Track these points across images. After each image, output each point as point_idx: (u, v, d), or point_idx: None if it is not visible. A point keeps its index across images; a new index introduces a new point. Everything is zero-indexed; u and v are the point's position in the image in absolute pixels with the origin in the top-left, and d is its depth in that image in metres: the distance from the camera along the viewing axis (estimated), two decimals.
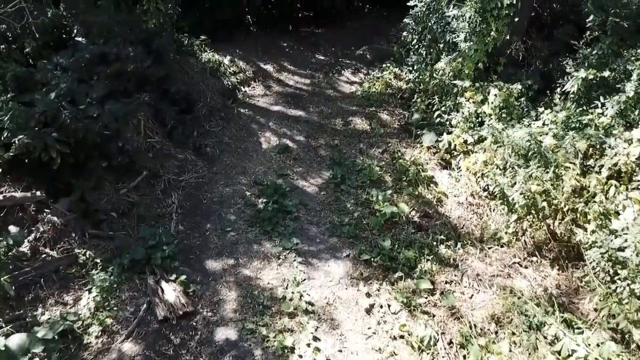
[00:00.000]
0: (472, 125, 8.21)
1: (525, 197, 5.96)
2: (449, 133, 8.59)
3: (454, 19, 9.46)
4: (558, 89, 8.57)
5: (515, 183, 6.65)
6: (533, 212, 6.04)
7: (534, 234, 6.40)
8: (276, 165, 8.25)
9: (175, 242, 6.41)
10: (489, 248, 6.73)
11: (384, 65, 11.81)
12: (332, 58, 12.69)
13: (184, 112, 8.81)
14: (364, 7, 16.55)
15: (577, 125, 6.32)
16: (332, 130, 9.32)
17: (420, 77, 9.75)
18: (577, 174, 5.64)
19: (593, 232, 5.11)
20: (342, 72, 11.88)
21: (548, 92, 8.32)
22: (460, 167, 8.16)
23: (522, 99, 8.39)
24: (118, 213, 6.69)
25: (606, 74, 6.18)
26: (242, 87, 10.35)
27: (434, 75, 9.00)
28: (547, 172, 5.89)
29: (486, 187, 7.49)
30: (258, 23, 13.64)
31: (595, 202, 5.27)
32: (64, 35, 7.80)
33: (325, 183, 7.92)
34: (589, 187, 5.45)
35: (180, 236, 6.64)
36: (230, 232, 6.73)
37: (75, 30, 7.65)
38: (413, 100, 9.81)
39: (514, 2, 7.93)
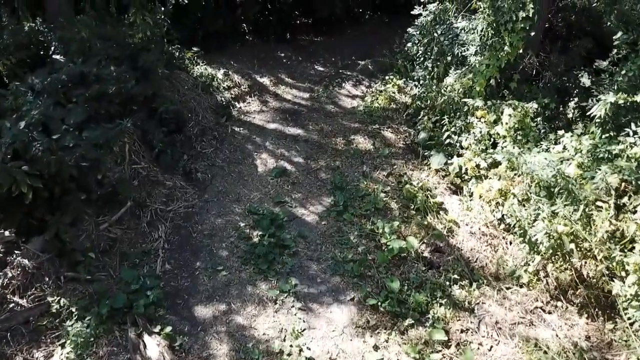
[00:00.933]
0: (484, 148, 7.59)
1: (551, 238, 5.34)
2: (459, 155, 7.98)
3: (463, 31, 8.85)
4: (572, 103, 8.00)
5: (536, 217, 6.06)
6: (559, 254, 5.42)
7: (558, 275, 5.78)
8: (273, 190, 7.63)
9: (160, 285, 5.78)
10: (508, 289, 6.12)
11: (386, 78, 11.20)
12: (332, 69, 12.06)
13: (173, 132, 8.18)
14: (364, 13, 15.94)
15: (606, 155, 5.71)
16: (333, 150, 8.70)
17: (427, 93, 9.13)
18: (611, 215, 5.03)
19: (632, 284, 4.50)
20: (343, 84, 11.26)
21: (568, 113, 7.71)
22: (472, 194, 7.55)
23: (539, 118, 7.79)
24: (98, 251, 6.07)
25: (638, 98, 5.58)
26: (236, 103, 9.72)
27: (443, 92, 8.38)
28: (576, 211, 5.27)
29: (502, 218, 6.88)
30: (254, 31, 13.01)
31: (634, 252, 4.66)
32: (42, 52, 7.17)
33: (326, 211, 7.30)
34: (627, 232, 4.84)
35: (166, 277, 6.01)
36: (222, 272, 6.10)
37: (52, 47, 7.01)
38: (419, 117, 9.19)
39: (531, 15, 7.31)
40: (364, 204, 7.39)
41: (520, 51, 8.08)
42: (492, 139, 7.73)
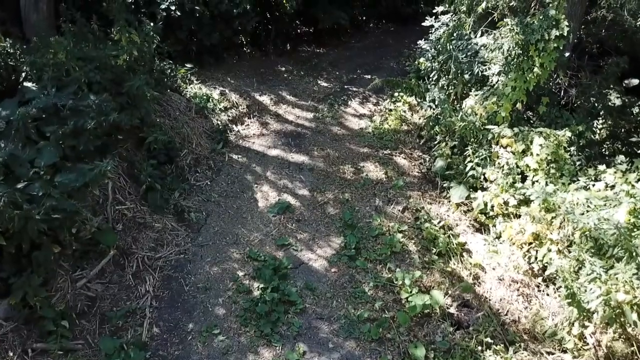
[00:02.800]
0: (513, 182, 6.77)
1: (607, 305, 4.52)
2: (483, 189, 7.17)
3: (483, 48, 8.04)
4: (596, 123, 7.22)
5: (580, 267, 5.25)
6: (617, 323, 4.60)
7: (611, 345, 4.96)
8: (275, 230, 6.78)
9: (146, 357, 4.93)
10: (549, 354, 5.29)
11: (396, 94, 10.37)
12: (336, 84, 11.23)
13: (164, 163, 7.33)
14: (368, 22, 15.11)
15: None
16: (341, 180, 7.86)
17: (444, 116, 8.30)
18: None
19: None
20: (349, 102, 10.43)
21: (606, 143, 6.90)
22: (499, 235, 6.73)
23: (572, 148, 6.98)
24: (74, 314, 5.21)
25: None
26: (234, 126, 8.87)
27: (464, 117, 7.55)
28: (638, 273, 4.45)
29: (539, 267, 6.07)
30: (252, 43, 12.16)
31: None
32: (12, 77, 6.31)
33: (336, 255, 6.46)
34: None
35: (154, 344, 5.16)
36: (218, 336, 5.26)
37: (24, 74, 6.15)
38: (435, 142, 8.37)
39: (565, 33, 6.49)
40: (379, 247, 6.56)
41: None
42: (520, 172, 6.92)
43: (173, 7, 9.51)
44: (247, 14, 10.54)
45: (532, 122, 7.63)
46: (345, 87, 11.09)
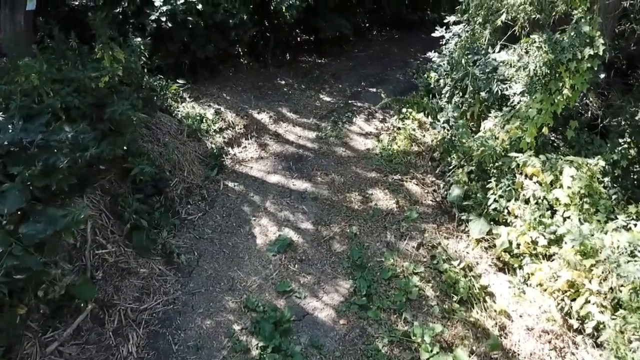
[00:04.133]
0: (541, 218, 6.05)
1: None
2: (507, 223, 6.46)
3: (503, 64, 7.33)
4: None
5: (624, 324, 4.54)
6: None
7: None
8: (276, 273, 6.06)
9: None
10: None
11: (404, 110, 9.63)
12: (339, 99, 10.49)
13: (152, 195, 6.60)
14: (372, 29, 14.38)
15: None
16: (348, 210, 7.14)
17: (459, 139, 7.58)
18: None
19: None
20: (354, 119, 9.70)
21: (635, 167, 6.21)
22: (527, 277, 6.02)
23: (606, 179, 6.26)
24: None
25: None
26: (230, 149, 8.13)
27: (484, 143, 6.83)
28: None
29: (575, 318, 5.37)
30: (249, 54, 11.42)
31: None
32: None
33: (345, 302, 5.75)
34: None
35: None
36: None
37: None
38: (450, 167, 7.65)
39: (600, 52, 5.78)
40: (393, 292, 5.85)
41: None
42: (549, 205, 6.21)
43: (164, 19, 8.77)
44: (244, 24, 9.81)
45: (559, 147, 6.92)
46: (350, 101, 10.36)
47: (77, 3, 9.21)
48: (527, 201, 6.40)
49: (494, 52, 7.74)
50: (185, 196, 6.98)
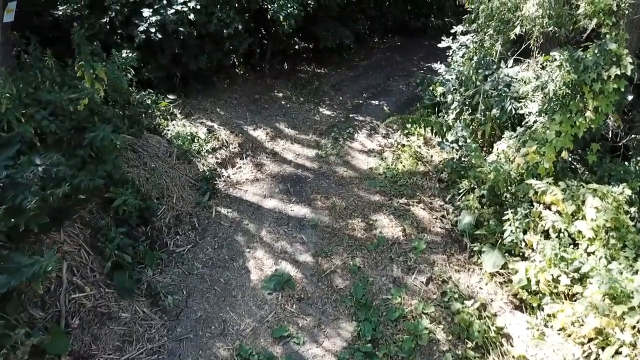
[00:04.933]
0: (563, 253, 5.52)
1: None
2: (524, 257, 5.93)
3: (517, 80, 6.81)
4: None
5: None
6: None
7: None
8: (272, 314, 5.52)
9: None
10: None
11: (408, 126, 9.08)
12: (340, 112, 9.96)
13: (138, 226, 6.07)
14: (373, 36, 13.84)
15: None
16: (351, 239, 6.60)
17: (470, 161, 7.06)
18: None
19: None
20: (355, 135, 9.17)
21: None
22: (548, 319, 5.49)
23: (633, 209, 5.73)
24: None
25: None
26: (224, 170, 7.59)
27: (497, 167, 6.30)
28: None
29: None
30: (245, 64, 10.89)
31: None
32: None
33: (348, 349, 5.22)
34: None
35: None
36: None
37: None
38: (460, 191, 7.12)
39: (629, 72, 5.24)
40: (401, 337, 5.31)
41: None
42: (571, 239, 5.69)
43: (153, 30, 8.22)
44: (239, 34, 9.27)
45: (579, 172, 6.39)
46: (351, 115, 9.82)
47: (60, 13, 8.64)
48: (545, 233, 5.88)
49: (506, 66, 7.20)
50: (174, 225, 6.44)
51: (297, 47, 12.48)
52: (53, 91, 5.61)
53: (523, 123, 6.76)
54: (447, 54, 9.21)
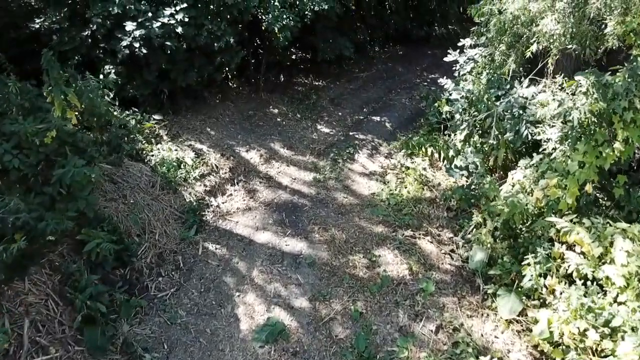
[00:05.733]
0: (590, 303, 4.91)
1: None
2: (544, 302, 5.33)
3: (532, 103, 6.21)
4: None
5: None
6: None
7: None
8: None
9: None
10: None
11: (412, 145, 8.49)
12: (340, 130, 9.36)
13: (115, 269, 5.46)
14: (374, 45, 13.22)
15: None
16: (352, 278, 6.00)
17: (480, 189, 6.47)
18: None
19: None
20: (355, 155, 8.57)
21: None
22: None
23: None
24: None
25: None
26: (213, 199, 6.99)
27: (514, 202, 5.69)
28: None
29: None
30: (238, 77, 10.28)
31: None
32: None
33: None
34: None
35: None
36: None
37: None
38: (470, 223, 6.52)
39: None
40: None
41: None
42: (598, 285, 5.08)
43: (137, 45, 7.60)
44: (232, 48, 8.65)
45: (604, 207, 5.79)
46: (350, 133, 9.22)
47: (38, 26, 8.03)
48: (568, 277, 5.27)
49: (521, 86, 6.60)
50: (157, 265, 5.83)
51: (294, 57, 11.87)
52: (16, 122, 4.99)
53: (540, 150, 6.15)
54: (454, 67, 8.61)
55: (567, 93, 6.25)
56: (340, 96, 10.60)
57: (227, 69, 9.72)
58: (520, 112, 6.38)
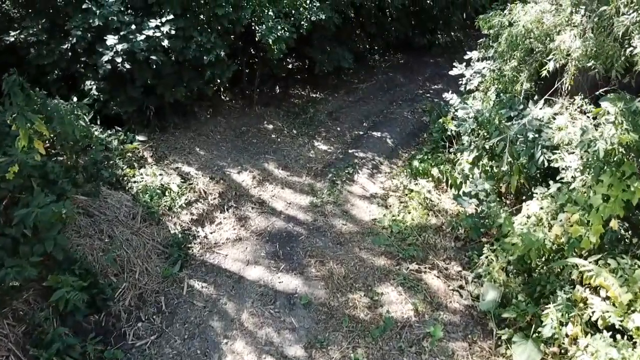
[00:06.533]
0: (619, 358, 4.36)
1: None
2: (566, 353, 4.78)
3: (549, 127, 5.68)
4: None
5: None
6: None
7: None
8: None
9: None
10: None
11: (415, 165, 7.95)
12: (338, 147, 8.82)
13: (88, 316, 4.91)
14: (373, 53, 12.68)
15: None
16: (351, 321, 5.45)
17: (491, 220, 5.93)
18: None
19: None
20: (355, 176, 8.03)
21: None
22: None
23: None
24: None
25: None
26: (200, 229, 6.44)
27: (531, 238, 5.15)
28: None
29: None
30: (231, 90, 9.74)
31: None
32: None
33: None
34: None
35: None
36: None
37: None
38: (480, 256, 5.97)
39: None
40: None
41: None
42: (629, 336, 4.54)
43: (119, 60, 7.05)
44: (222, 61, 8.10)
45: (631, 244, 5.24)
46: (350, 151, 8.68)
47: (13, 39, 7.47)
48: (592, 326, 4.73)
49: (535, 106, 6.06)
50: (136, 308, 5.27)
51: (290, 66, 11.32)
52: None
53: (558, 178, 5.61)
54: (459, 81, 8.07)
55: (588, 116, 5.73)
56: (338, 109, 10.06)
57: (219, 81, 9.17)
58: (535, 135, 5.83)
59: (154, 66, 7.49)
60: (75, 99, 5.84)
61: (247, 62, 10.13)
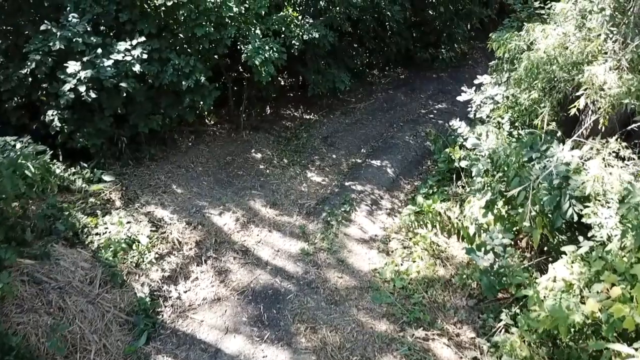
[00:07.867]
0: None
1: None
2: None
3: (579, 174, 4.85)
4: None
5: None
6: None
7: None
8: None
9: None
10: None
11: (419, 200, 7.10)
12: (333, 179, 7.96)
13: None
14: (372, 68, 11.80)
15: None
16: None
17: (511, 279, 5.08)
18: None
19: None
20: (352, 213, 7.17)
21: None
22: None
23: None
24: None
25: None
26: (173, 287, 5.57)
27: (560, 313, 4.30)
28: None
29: None
30: (216, 113, 8.89)
31: None
32: None
33: None
34: None
35: None
36: None
37: None
38: (497, 322, 5.12)
39: None
40: None
41: None
42: None
43: (83, 88, 6.18)
44: (203, 87, 7.24)
45: None
46: (346, 183, 7.82)
47: None
48: None
49: (561, 149, 5.21)
50: None
51: (282, 83, 10.46)
52: None
53: (590, 234, 4.77)
54: (469, 109, 7.25)
55: (626, 164, 4.89)
56: (334, 133, 9.20)
57: (202, 104, 8.29)
58: (562, 183, 4.98)
59: (125, 94, 6.63)
60: (27, 138, 4.97)
61: (234, 81, 9.26)
